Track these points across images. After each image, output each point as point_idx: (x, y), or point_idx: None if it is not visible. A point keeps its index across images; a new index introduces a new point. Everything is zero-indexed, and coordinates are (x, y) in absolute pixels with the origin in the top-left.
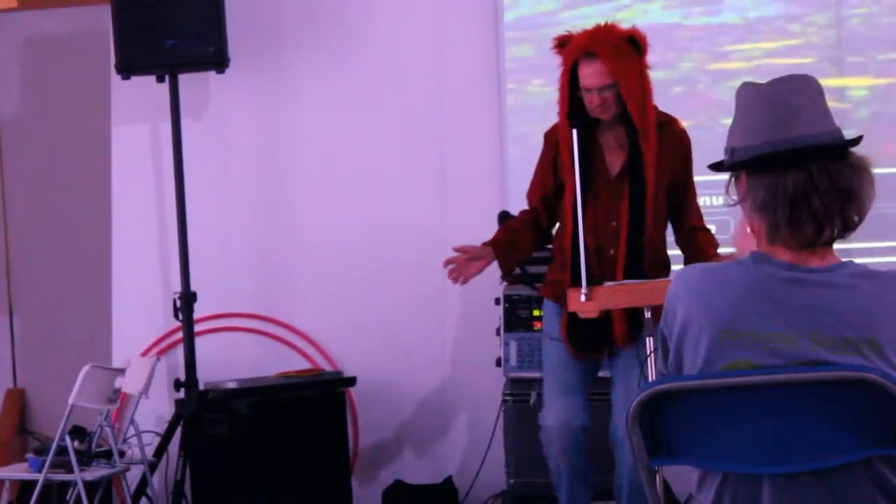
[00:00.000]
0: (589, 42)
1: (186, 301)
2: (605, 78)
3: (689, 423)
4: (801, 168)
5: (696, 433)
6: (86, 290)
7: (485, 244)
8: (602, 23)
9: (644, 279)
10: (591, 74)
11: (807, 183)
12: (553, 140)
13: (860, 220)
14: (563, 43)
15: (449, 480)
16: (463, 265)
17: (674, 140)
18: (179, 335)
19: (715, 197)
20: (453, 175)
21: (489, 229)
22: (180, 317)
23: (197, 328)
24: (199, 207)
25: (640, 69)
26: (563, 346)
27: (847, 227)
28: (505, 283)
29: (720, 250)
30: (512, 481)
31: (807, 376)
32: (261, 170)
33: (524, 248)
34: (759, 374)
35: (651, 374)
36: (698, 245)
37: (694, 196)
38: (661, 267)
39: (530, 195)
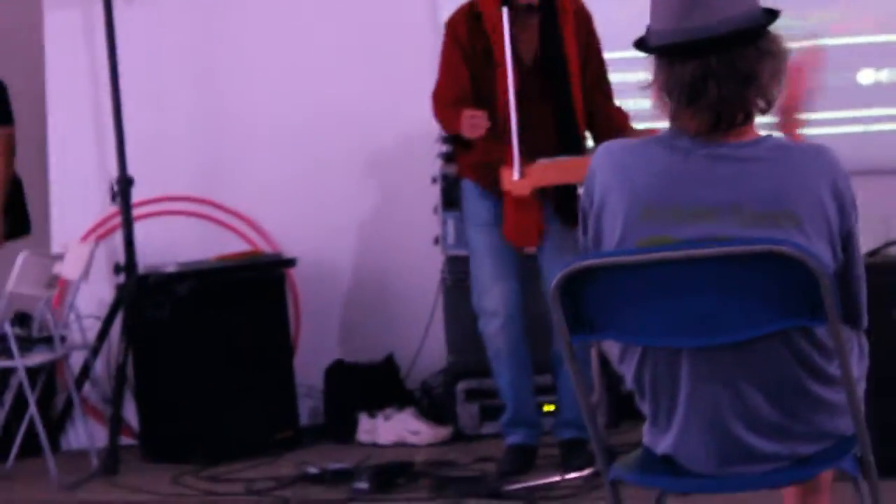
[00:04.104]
0: None
1: (123, 186)
2: None
3: (609, 298)
4: (701, 56)
5: (616, 308)
6: (24, 177)
7: None
8: None
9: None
10: None
11: (705, 71)
12: (463, 30)
13: (768, 105)
14: None
15: (390, 358)
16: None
17: (585, 21)
18: (118, 220)
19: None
20: (387, 53)
21: (424, 107)
22: (118, 202)
23: (136, 212)
24: (134, 91)
25: None
26: (492, 231)
27: (749, 113)
28: (441, 162)
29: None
30: (452, 358)
31: (724, 251)
32: (196, 52)
33: None
34: (677, 250)
35: None
36: (610, 118)
37: (604, 72)
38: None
39: (451, 92)
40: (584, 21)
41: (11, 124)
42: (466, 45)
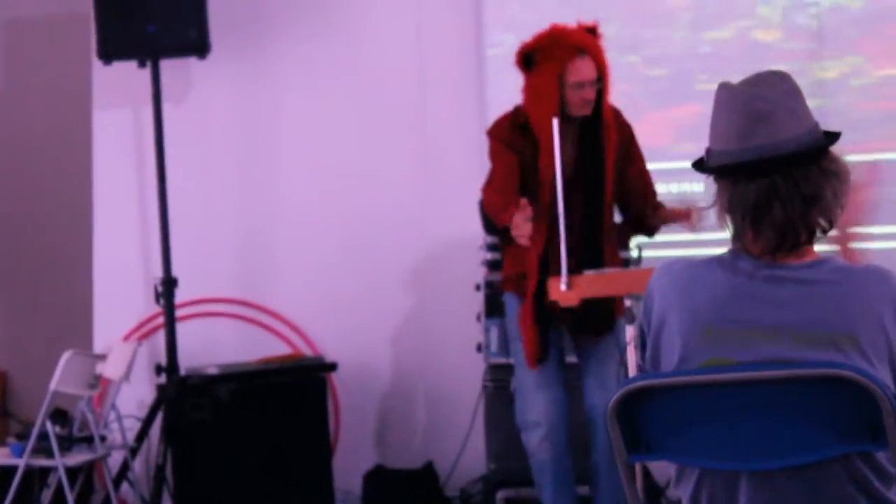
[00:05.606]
0: (578, 40)
1: (168, 287)
2: (595, 72)
3: (667, 418)
4: (765, 177)
5: (674, 429)
6: (68, 275)
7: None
8: (560, 23)
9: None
10: (586, 69)
11: (769, 192)
12: (508, 136)
13: (830, 224)
14: (528, 55)
15: (429, 465)
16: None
17: (625, 130)
18: (161, 320)
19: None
20: (434, 161)
21: (469, 216)
22: (161, 302)
23: (178, 313)
24: (180, 193)
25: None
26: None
27: (812, 233)
28: (485, 270)
29: None
30: (492, 466)
31: (785, 373)
32: (242, 156)
33: None
34: (738, 371)
35: (631, 365)
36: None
37: (649, 180)
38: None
39: (504, 192)
40: (626, 132)
41: None
42: (513, 147)
